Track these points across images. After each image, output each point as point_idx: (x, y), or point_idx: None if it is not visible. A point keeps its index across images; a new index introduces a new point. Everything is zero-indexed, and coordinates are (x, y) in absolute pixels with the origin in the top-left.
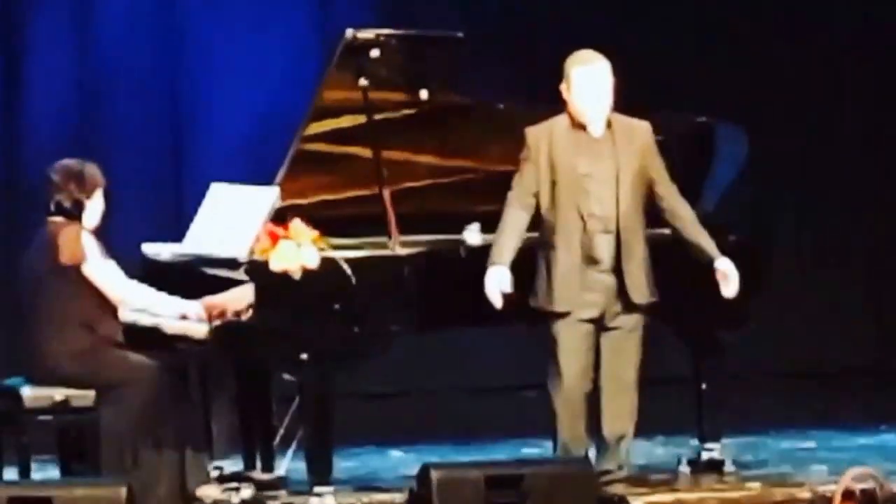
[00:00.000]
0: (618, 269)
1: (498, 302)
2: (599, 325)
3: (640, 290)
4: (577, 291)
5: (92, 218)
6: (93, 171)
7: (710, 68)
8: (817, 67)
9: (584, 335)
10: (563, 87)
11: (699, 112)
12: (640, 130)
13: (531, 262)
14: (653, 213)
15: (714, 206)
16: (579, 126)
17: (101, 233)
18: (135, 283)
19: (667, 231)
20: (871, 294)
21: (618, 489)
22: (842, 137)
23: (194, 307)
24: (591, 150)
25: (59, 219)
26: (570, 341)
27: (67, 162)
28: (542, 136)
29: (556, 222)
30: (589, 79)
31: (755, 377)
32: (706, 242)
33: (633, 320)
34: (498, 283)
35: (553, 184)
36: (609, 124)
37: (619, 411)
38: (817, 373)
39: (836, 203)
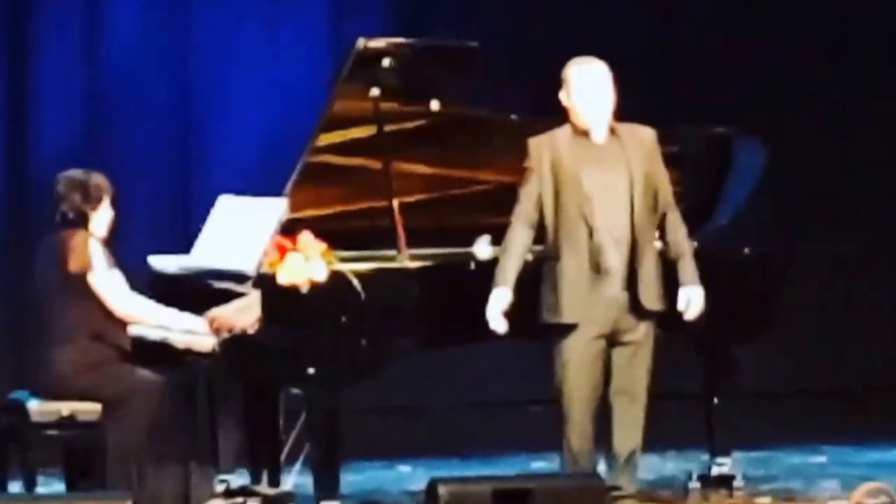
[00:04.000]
0: (631, 281)
1: (500, 327)
2: (610, 340)
3: (652, 297)
4: (585, 302)
5: (99, 228)
6: (98, 181)
7: (727, 82)
8: (840, 81)
9: (595, 352)
10: (562, 94)
11: (717, 124)
12: (646, 135)
13: (538, 276)
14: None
15: (729, 219)
16: (582, 133)
17: (109, 243)
18: (139, 297)
19: None
20: (887, 311)
21: None
22: (864, 153)
23: (200, 324)
24: (599, 157)
25: (64, 230)
26: (581, 358)
27: (72, 172)
28: (544, 145)
29: (562, 232)
30: (588, 79)
31: (766, 392)
32: (684, 266)
33: (644, 333)
34: (499, 306)
35: (557, 193)
36: (613, 131)
37: (631, 426)
38: (829, 388)
39: (854, 220)
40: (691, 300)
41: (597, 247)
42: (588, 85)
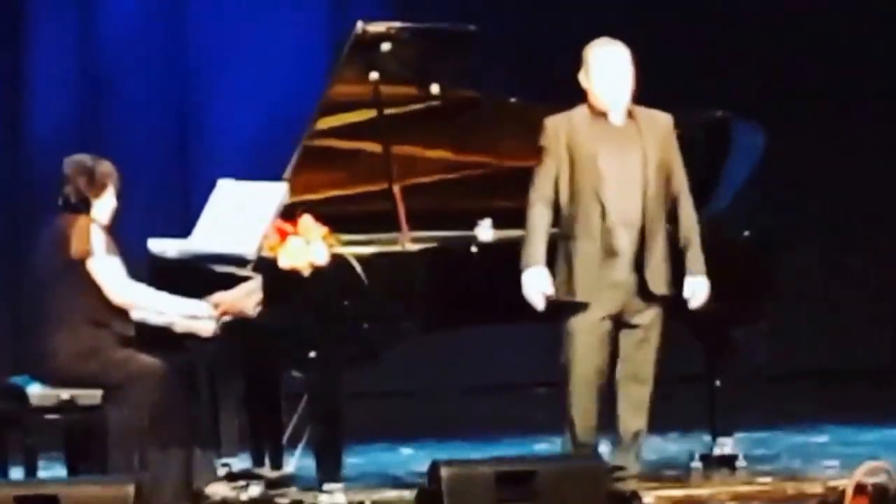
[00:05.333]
0: (639, 264)
1: (540, 304)
2: (618, 321)
3: (660, 281)
4: (595, 282)
5: (101, 215)
6: (105, 169)
7: (729, 68)
8: (841, 68)
9: (602, 333)
10: (581, 74)
11: (716, 108)
12: (663, 121)
13: (552, 256)
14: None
15: (728, 203)
16: (600, 114)
17: (111, 231)
18: (137, 284)
19: None
20: (886, 292)
21: (630, 485)
22: (864, 138)
23: (201, 306)
24: (615, 139)
25: (67, 214)
26: (588, 338)
27: (81, 157)
28: (561, 125)
29: (576, 212)
30: (609, 60)
31: (768, 373)
32: (693, 255)
33: (653, 317)
34: (537, 284)
35: (572, 173)
36: (630, 114)
37: (637, 408)
38: (830, 369)
39: (853, 203)
40: (696, 290)
41: (608, 228)
42: (608, 66)
